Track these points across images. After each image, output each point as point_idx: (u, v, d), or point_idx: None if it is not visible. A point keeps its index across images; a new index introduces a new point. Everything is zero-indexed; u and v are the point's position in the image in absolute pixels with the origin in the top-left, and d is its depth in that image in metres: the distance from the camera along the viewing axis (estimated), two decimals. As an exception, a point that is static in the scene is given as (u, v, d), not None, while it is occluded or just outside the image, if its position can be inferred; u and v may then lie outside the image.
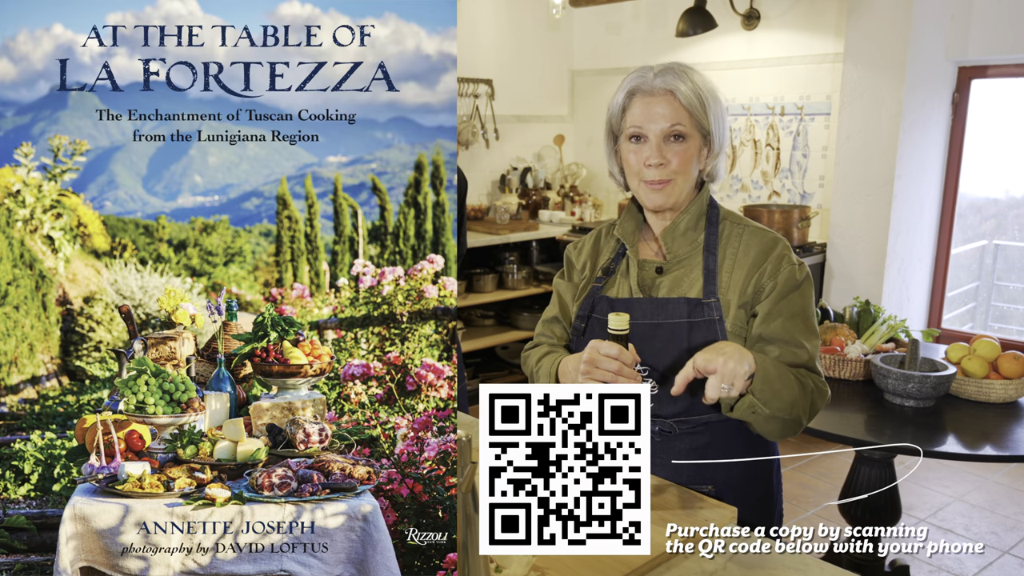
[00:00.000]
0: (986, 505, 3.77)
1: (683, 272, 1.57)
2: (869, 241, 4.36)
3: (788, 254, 1.54)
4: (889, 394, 2.45)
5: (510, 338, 5.23)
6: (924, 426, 2.31)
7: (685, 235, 1.58)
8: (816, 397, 1.47)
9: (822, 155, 4.71)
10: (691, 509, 1.39)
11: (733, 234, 1.58)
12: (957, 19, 4.15)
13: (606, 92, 5.81)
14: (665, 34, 5.37)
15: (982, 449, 2.19)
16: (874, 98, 4.19)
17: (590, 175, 6.04)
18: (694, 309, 1.52)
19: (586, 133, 6.09)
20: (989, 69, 4.29)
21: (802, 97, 4.75)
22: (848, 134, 4.32)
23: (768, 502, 1.64)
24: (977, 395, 2.47)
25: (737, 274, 1.53)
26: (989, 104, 4.47)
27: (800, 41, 4.70)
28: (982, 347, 2.53)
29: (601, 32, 5.85)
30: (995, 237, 5.43)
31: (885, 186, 4.23)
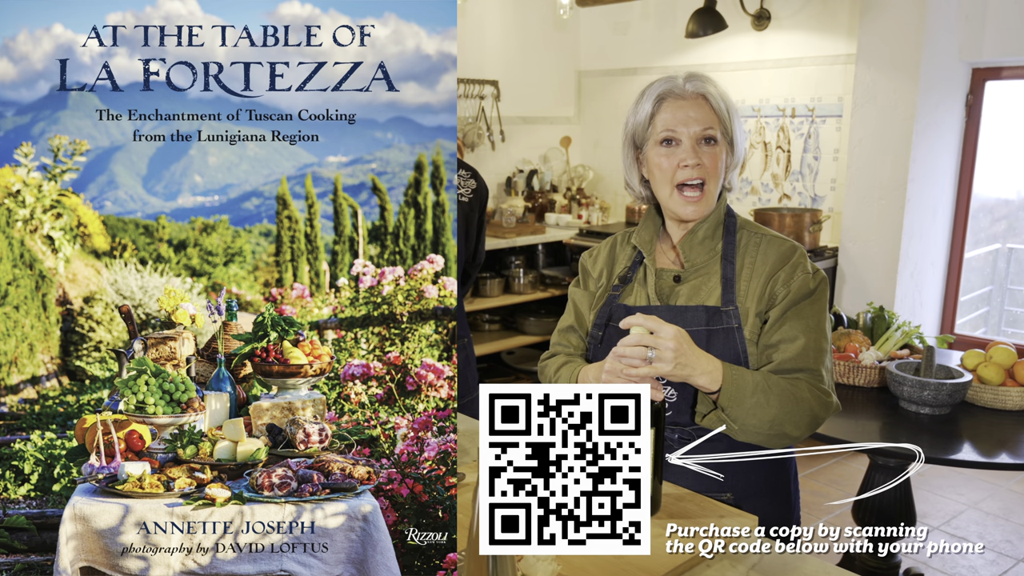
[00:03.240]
0: (1000, 513, 3.74)
1: (701, 281, 1.57)
2: (882, 245, 4.32)
3: (804, 262, 1.54)
4: (904, 401, 2.43)
5: (516, 343, 5.17)
6: (940, 433, 2.29)
7: (703, 243, 1.58)
8: (817, 409, 1.46)
9: (834, 158, 4.67)
10: (711, 517, 1.39)
11: (751, 243, 1.58)
12: (971, 20, 4.11)
13: (613, 93, 5.79)
14: (673, 34, 5.33)
15: (998, 457, 2.17)
16: (887, 100, 4.15)
17: (597, 177, 6.00)
18: (713, 317, 1.52)
19: (593, 135, 6.05)
20: (1004, 71, 4.25)
21: (813, 99, 4.71)
22: (861, 137, 4.28)
23: (786, 509, 1.63)
24: (993, 402, 2.44)
25: (755, 283, 1.53)
26: (1004, 106, 4.44)
27: (811, 42, 4.66)
28: (998, 354, 2.50)
29: (608, 32, 5.79)
30: (1008, 240, 5.39)
31: (898, 189, 4.19)
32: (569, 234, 5.30)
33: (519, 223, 5.28)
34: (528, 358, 5.35)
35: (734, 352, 1.51)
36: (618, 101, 5.75)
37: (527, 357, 5.36)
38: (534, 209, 5.64)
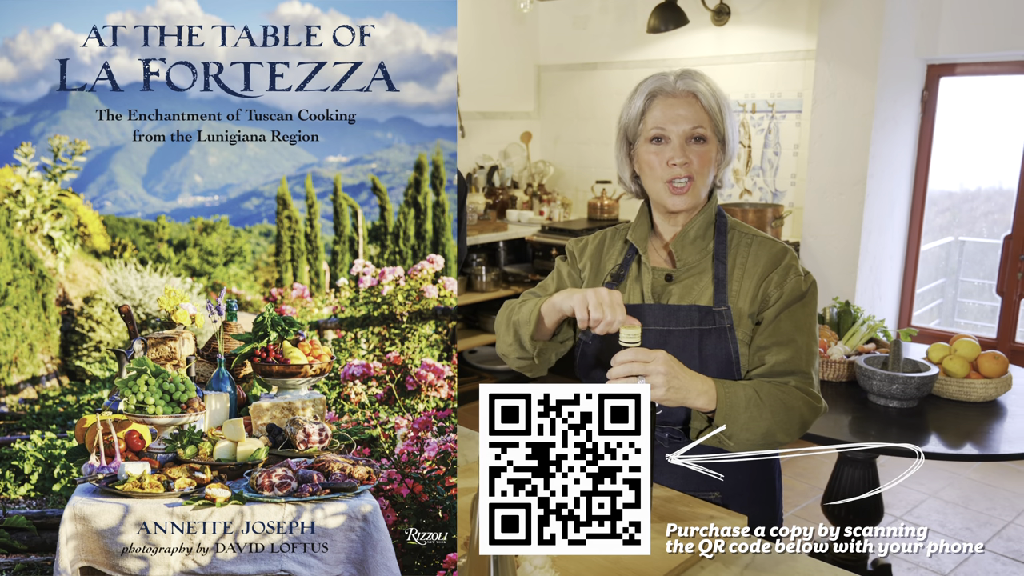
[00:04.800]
0: (960, 501, 3.81)
1: (693, 280, 1.57)
2: (842, 240, 4.35)
3: (795, 264, 1.55)
4: (873, 395, 2.47)
5: (479, 342, 5.05)
6: (908, 426, 2.33)
7: (694, 243, 1.58)
8: (807, 414, 1.47)
9: (794, 153, 4.68)
10: (702, 518, 1.39)
11: (742, 244, 1.58)
12: (927, 17, 4.16)
13: (573, 88, 5.73)
14: (634, 29, 5.27)
15: (963, 448, 2.22)
16: (847, 96, 4.18)
17: (558, 173, 5.91)
18: (705, 317, 1.52)
19: (553, 130, 5.96)
20: (957, 67, 4.32)
21: (773, 94, 4.71)
22: (821, 132, 4.31)
23: (771, 508, 1.64)
24: (959, 394, 2.50)
25: (747, 283, 1.54)
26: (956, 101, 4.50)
27: (771, 37, 4.66)
28: (963, 347, 2.55)
29: (568, 26, 5.70)
30: (948, 232, 5.48)
31: (858, 184, 4.23)
32: (531, 231, 5.23)
33: (480, 220, 5.20)
34: (491, 357, 5.27)
35: (726, 353, 1.51)
36: (578, 96, 5.70)
37: (490, 356, 5.29)
38: (495, 206, 5.53)
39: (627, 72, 5.39)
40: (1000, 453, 2.18)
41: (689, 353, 1.51)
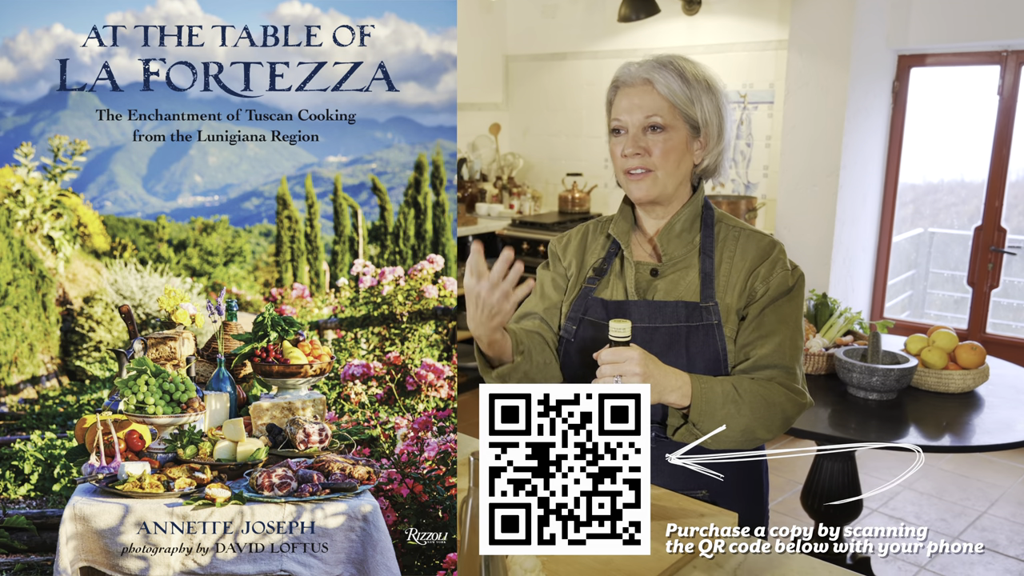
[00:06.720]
0: (934, 492, 3.83)
1: (679, 275, 1.54)
2: (815, 231, 4.33)
3: (783, 258, 1.53)
4: (853, 388, 2.47)
5: None
6: (888, 419, 2.34)
7: (680, 236, 1.55)
8: (790, 410, 1.45)
9: (766, 144, 4.63)
10: (692, 517, 1.39)
11: (729, 237, 1.55)
12: (897, 7, 4.15)
13: (542, 79, 5.63)
14: (604, 18, 5.18)
15: (942, 440, 2.23)
16: (819, 86, 4.15)
17: (527, 166, 5.80)
18: (692, 313, 1.49)
19: (522, 122, 5.82)
20: (928, 57, 4.32)
21: (745, 85, 4.65)
22: (793, 123, 4.28)
23: (759, 504, 1.63)
24: (937, 386, 2.51)
25: (735, 278, 1.51)
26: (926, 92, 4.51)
27: (742, 28, 4.61)
28: (941, 338, 2.56)
29: (537, 15, 5.56)
30: (925, 225, 5.50)
31: (831, 176, 4.21)
32: (502, 225, 5.16)
33: (450, 214, 5.20)
34: (463, 353, 5.24)
35: (713, 349, 1.48)
36: (547, 87, 5.61)
37: (462, 352, 5.27)
38: (464, 199, 5.45)
39: (597, 62, 5.30)
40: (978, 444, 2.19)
41: (676, 351, 1.49)
